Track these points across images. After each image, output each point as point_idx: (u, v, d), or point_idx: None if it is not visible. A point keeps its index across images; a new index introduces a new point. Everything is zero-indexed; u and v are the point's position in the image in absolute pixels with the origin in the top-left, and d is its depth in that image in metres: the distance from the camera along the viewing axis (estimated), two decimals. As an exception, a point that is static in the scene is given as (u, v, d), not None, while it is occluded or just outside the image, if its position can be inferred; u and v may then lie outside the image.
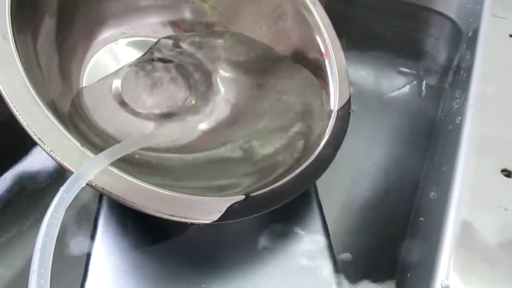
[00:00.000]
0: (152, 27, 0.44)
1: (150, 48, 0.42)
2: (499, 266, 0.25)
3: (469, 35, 0.47)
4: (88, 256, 0.34)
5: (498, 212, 0.27)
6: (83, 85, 0.39)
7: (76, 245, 0.34)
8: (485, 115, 0.33)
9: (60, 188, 0.24)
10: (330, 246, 0.36)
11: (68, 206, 0.24)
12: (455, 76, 0.47)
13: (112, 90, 0.39)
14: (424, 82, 0.50)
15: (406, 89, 0.49)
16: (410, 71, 0.51)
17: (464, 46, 0.49)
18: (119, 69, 0.40)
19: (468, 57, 0.42)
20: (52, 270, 0.21)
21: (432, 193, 0.35)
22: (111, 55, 0.42)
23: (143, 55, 0.41)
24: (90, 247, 0.34)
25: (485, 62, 0.37)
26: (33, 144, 0.27)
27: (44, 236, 0.21)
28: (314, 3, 0.40)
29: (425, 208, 0.37)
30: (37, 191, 0.38)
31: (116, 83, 0.39)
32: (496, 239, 0.26)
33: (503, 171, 0.29)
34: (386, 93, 0.48)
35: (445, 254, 0.26)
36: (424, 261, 0.29)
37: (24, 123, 0.26)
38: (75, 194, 0.24)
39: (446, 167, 0.33)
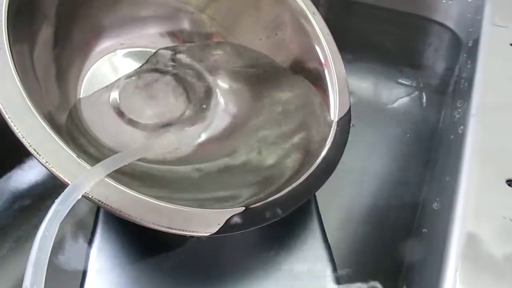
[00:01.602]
0: (151, 37, 0.44)
1: (148, 59, 0.41)
2: (506, 279, 0.24)
3: (469, 44, 0.46)
4: (85, 270, 0.33)
5: (504, 223, 0.27)
6: (81, 96, 0.39)
7: (72, 259, 0.34)
8: (488, 125, 0.33)
9: (55, 201, 0.23)
10: (330, 258, 0.35)
11: (64, 218, 0.23)
12: (455, 86, 0.47)
13: (110, 101, 0.39)
14: (424, 92, 0.49)
15: (406, 99, 0.49)
16: (409, 81, 0.51)
17: (465, 55, 0.49)
18: (117, 80, 0.40)
19: (469, 66, 0.41)
20: (46, 285, 0.21)
21: (435, 204, 0.34)
22: (109, 66, 0.41)
23: (141, 66, 0.41)
24: (87, 261, 0.33)
25: (486, 71, 0.37)
26: (28, 155, 0.26)
27: (38, 251, 0.20)
28: (313, 13, 0.40)
29: (428, 219, 0.36)
30: (33, 202, 0.38)
31: (114, 94, 0.39)
32: (502, 252, 0.25)
33: (507, 181, 0.29)
34: (386, 104, 0.48)
35: (451, 267, 0.25)
36: (429, 274, 0.28)
37: (19, 133, 0.26)
38: (70, 207, 0.23)
39: (449, 178, 0.32)
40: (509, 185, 0.29)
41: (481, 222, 0.27)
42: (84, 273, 0.33)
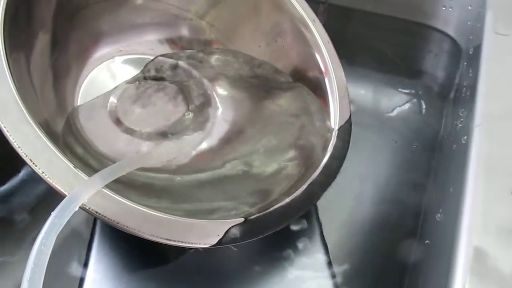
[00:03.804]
0: (149, 44, 0.43)
1: (147, 66, 0.41)
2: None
3: (470, 52, 0.46)
4: (81, 281, 0.32)
5: (510, 237, 0.26)
6: (78, 104, 0.38)
7: (69, 270, 0.33)
8: (493, 135, 0.32)
9: (52, 213, 0.23)
10: (330, 268, 0.35)
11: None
12: (456, 94, 0.47)
13: (108, 109, 0.38)
14: (424, 99, 0.49)
15: (406, 107, 0.48)
16: (409, 88, 0.50)
17: (465, 63, 0.48)
18: (115, 87, 0.39)
19: (470, 75, 0.41)
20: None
21: (438, 215, 0.34)
22: (107, 73, 0.41)
23: (139, 73, 0.41)
24: (83, 272, 0.33)
25: (489, 80, 0.36)
26: (24, 164, 0.26)
27: (34, 265, 0.20)
28: (313, 20, 0.40)
29: (430, 230, 0.36)
30: (29, 213, 0.37)
31: (112, 101, 0.38)
32: (510, 266, 0.25)
33: (513, 193, 0.28)
34: (386, 111, 0.48)
35: (458, 282, 0.25)
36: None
37: (15, 143, 0.26)
38: (67, 219, 0.23)
39: (452, 189, 0.32)
40: (515, 197, 0.28)
41: (489, 236, 0.26)
42: (80, 284, 0.32)
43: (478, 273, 0.25)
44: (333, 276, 0.34)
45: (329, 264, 0.35)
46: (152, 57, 0.42)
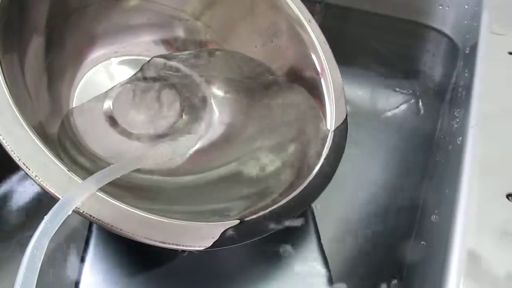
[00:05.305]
0: (145, 45, 0.43)
1: (142, 67, 0.41)
2: (510, 299, 0.24)
3: (466, 52, 0.46)
4: (77, 284, 0.32)
5: (505, 240, 0.26)
6: (73, 105, 0.38)
7: (64, 273, 0.33)
8: (488, 136, 0.32)
9: (44, 217, 0.23)
10: (327, 271, 0.35)
11: (56, 230, 0.23)
12: (453, 94, 0.47)
13: (103, 110, 0.38)
14: (421, 99, 0.49)
15: (403, 107, 0.48)
16: (406, 88, 0.50)
17: (462, 63, 0.48)
18: (110, 88, 0.39)
19: (466, 75, 0.41)
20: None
21: (434, 216, 0.34)
22: (102, 74, 0.41)
23: (135, 74, 0.41)
24: (79, 275, 0.33)
25: (485, 80, 0.36)
26: (18, 168, 0.25)
27: (26, 270, 0.20)
28: (309, 20, 0.40)
29: (426, 232, 0.35)
30: (22, 216, 0.37)
31: (107, 103, 0.38)
32: (505, 270, 0.25)
33: (508, 195, 0.28)
34: (383, 112, 0.48)
35: (452, 283, 0.25)
36: (429, 290, 0.28)
37: (7, 146, 0.25)
38: (60, 223, 0.23)
39: (448, 190, 0.32)
40: (510, 200, 0.28)
41: (483, 239, 0.26)
42: (76, 287, 0.32)
43: (472, 274, 0.25)
44: (329, 276, 0.34)
45: (325, 264, 0.35)
46: (148, 58, 0.41)
